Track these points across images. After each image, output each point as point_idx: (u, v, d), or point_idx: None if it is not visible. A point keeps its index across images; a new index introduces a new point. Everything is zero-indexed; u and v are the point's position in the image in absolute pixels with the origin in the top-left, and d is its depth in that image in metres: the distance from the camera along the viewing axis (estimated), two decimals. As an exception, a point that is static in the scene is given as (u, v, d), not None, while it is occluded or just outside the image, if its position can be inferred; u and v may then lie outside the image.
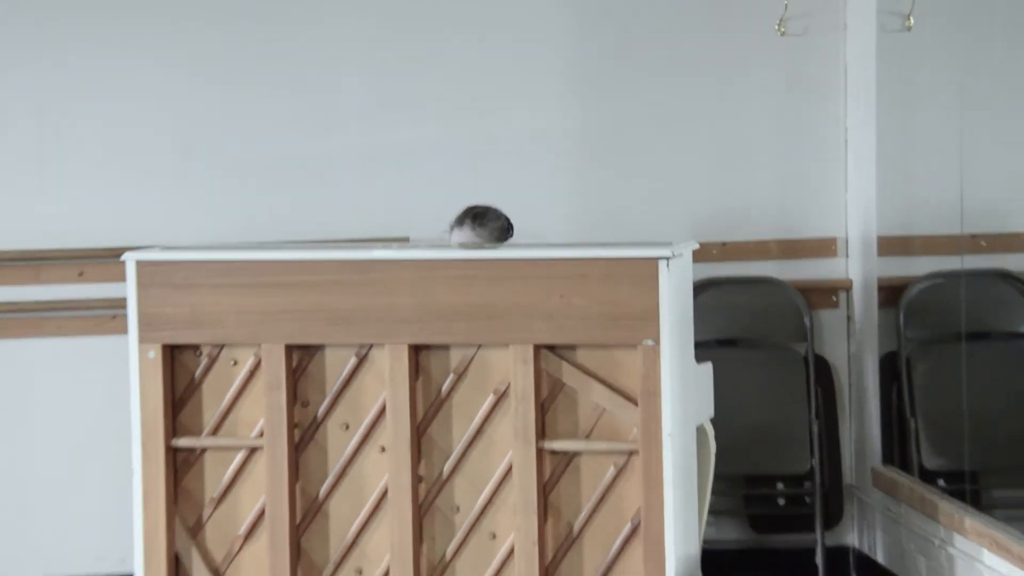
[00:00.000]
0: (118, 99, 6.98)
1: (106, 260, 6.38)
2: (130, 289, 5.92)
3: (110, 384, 6.35)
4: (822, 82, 7.01)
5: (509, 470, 5.77)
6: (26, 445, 6.91)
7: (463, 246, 6.20)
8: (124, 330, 5.98)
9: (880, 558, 6.78)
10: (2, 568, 6.87)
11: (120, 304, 5.99)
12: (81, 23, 7.05)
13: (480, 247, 6.17)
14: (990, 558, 5.66)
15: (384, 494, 5.85)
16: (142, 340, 5.94)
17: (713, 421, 5.98)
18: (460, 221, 6.31)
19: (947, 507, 6.10)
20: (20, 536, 6.88)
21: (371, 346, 5.85)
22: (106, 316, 6.52)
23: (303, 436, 5.93)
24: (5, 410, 6.91)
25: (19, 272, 6.88)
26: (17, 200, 6.90)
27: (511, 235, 6.29)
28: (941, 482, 6.48)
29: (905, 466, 6.70)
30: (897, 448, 6.81)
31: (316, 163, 6.98)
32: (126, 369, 5.97)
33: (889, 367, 6.87)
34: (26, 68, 7.03)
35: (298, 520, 5.94)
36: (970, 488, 6.45)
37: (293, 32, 7.01)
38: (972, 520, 5.87)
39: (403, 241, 6.61)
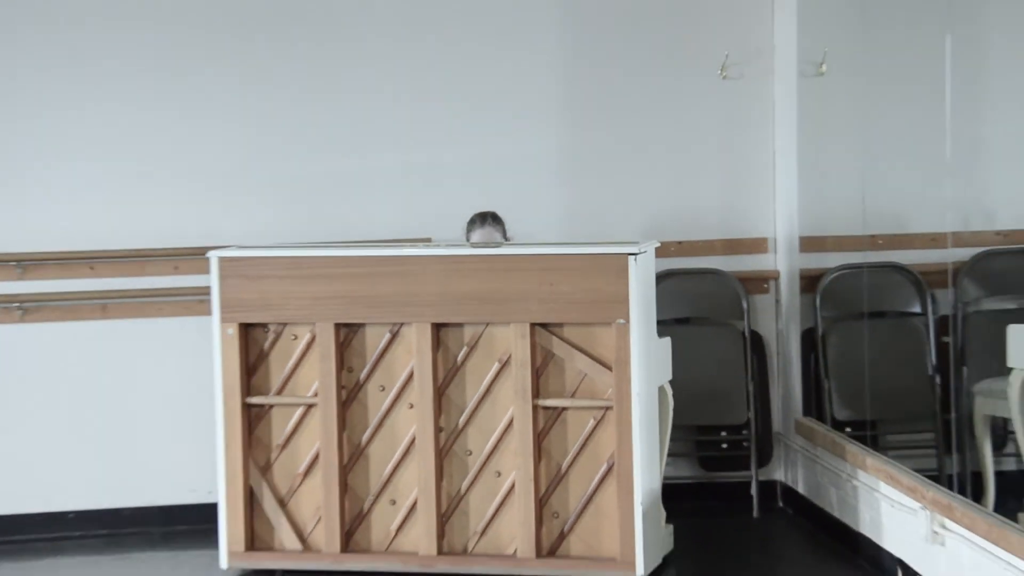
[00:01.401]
0: (203, 129, 6.76)
1: (195, 257, 6.21)
2: (213, 280, 5.98)
3: (198, 354, 6.20)
4: (755, 115, 6.88)
5: (511, 422, 5.85)
6: (135, 401, 6.75)
7: (477, 244, 6.16)
8: (209, 312, 6.02)
9: (801, 490, 6.65)
10: (119, 498, 6.71)
11: (205, 291, 6.04)
12: (174, 55, 6.79)
13: (492, 243, 6.13)
14: (885, 488, 5.61)
15: (412, 441, 5.95)
16: (223, 320, 5.96)
17: (671, 383, 6.01)
18: (475, 222, 6.30)
19: (852, 449, 6.02)
20: (131, 473, 6.74)
21: (402, 324, 5.92)
22: (195, 301, 6.35)
23: (348, 395, 5.98)
24: (119, 374, 6.75)
25: (128, 267, 6.70)
26: (127, 210, 6.71)
27: (507, 232, 6.32)
28: (848, 429, 6.35)
29: (820, 417, 6.58)
30: (814, 403, 6.68)
31: (358, 177, 6.78)
32: (210, 342, 5.99)
33: (808, 340, 6.74)
34: (149, 100, 6.77)
35: (345, 461, 5.93)
36: (870, 434, 6.30)
37: (342, 73, 6.78)
38: (871, 459, 5.81)
39: (426, 241, 6.43)
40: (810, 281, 6.68)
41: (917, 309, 6.61)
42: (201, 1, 6.70)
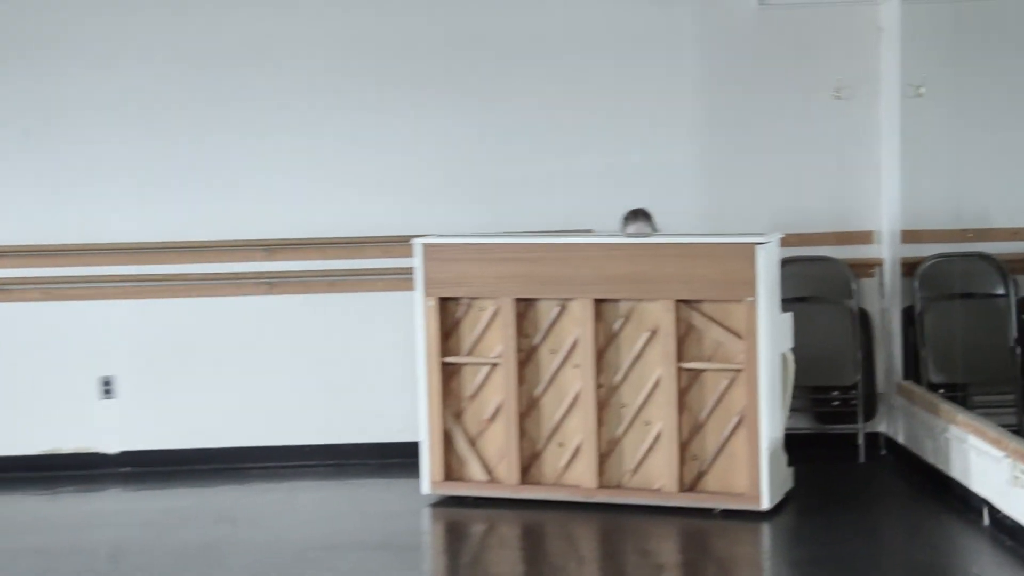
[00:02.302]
0: (409, 144, 6.75)
1: (402, 244, 6.18)
2: (417, 262, 6.04)
3: (405, 322, 6.15)
4: (863, 129, 6.70)
5: (658, 381, 5.86)
6: (356, 358, 6.79)
7: (631, 234, 6.10)
8: (413, 287, 6.05)
9: (901, 440, 6.54)
10: (344, 435, 6.75)
11: (410, 271, 6.05)
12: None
13: (644, 234, 6.05)
14: (973, 440, 5.53)
15: (576, 395, 5.95)
16: (425, 294, 6.02)
17: (792, 350, 5.94)
18: (629, 217, 6.22)
19: (945, 407, 5.92)
20: (354, 415, 6.76)
21: (568, 300, 5.92)
22: (402, 279, 6.26)
23: (525, 357, 6.03)
24: (343, 336, 6.78)
25: (350, 251, 6.74)
26: (349, 206, 6.73)
27: (656, 225, 6.24)
28: (941, 391, 6.24)
29: (918, 380, 6.46)
30: (912, 368, 6.56)
31: (533, 180, 6.72)
32: (414, 312, 6.02)
33: (907, 316, 6.62)
34: (366, 126, 6.77)
35: (522, 410, 5.99)
36: (960, 395, 6.25)
37: (517, 93, 6.72)
38: (961, 415, 5.72)
39: (588, 232, 6.34)
40: (909, 267, 6.58)
41: (1001, 291, 6.51)
42: (418, 47, 6.71)
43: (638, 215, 6.16)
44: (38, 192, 6.74)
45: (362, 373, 6.76)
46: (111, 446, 6.77)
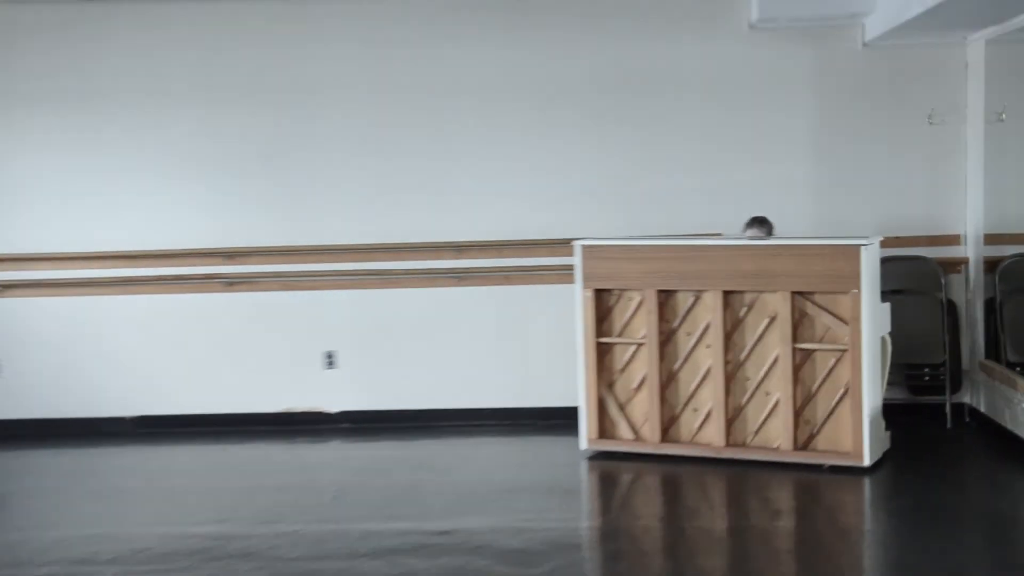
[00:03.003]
0: (568, 163, 6.72)
1: (564, 245, 6.21)
2: (577, 260, 6.08)
3: (566, 309, 6.17)
4: (952, 150, 6.58)
5: (776, 359, 5.80)
6: (527, 337, 6.77)
7: (753, 237, 6.06)
8: (573, 280, 6.10)
9: (983, 409, 6.41)
10: (517, 400, 6.77)
11: (571, 268, 6.11)
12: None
13: (761, 238, 6.03)
14: None
15: (708, 370, 5.91)
16: (583, 286, 6.09)
17: (890, 334, 5.88)
18: (751, 223, 6.18)
19: (1021, 382, 5.82)
20: (525, 383, 6.77)
21: (702, 291, 5.86)
22: (564, 273, 6.25)
23: (665, 338, 5.98)
24: (517, 319, 6.78)
25: (522, 251, 6.71)
26: (523, 214, 6.72)
27: (774, 230, 6.18)
28: (1018, 369, 6.08)
29: (997, 360, 6.30)
30: (993, 350, 6.39)
31: (670, 192, 6.65)
32: (574, 301, 6.07)
33: (989, 306, 6.46)
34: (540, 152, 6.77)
35: (663, 382, 5.99)
36: None
37: (655, 121, 6.68)
38: None
39: (718, 235, 6.29)
40: (991, 265, 6.42)
41: (1068, 285, 6.39)
42: (573, 90, 6.68)
43: (755, 222, 6.11)
44: (283, 206, 6.79)
45: (531, 350, 6.75)
46: (333, 407, 6.85)
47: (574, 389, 6.06)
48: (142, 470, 6.19)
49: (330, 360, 6.86)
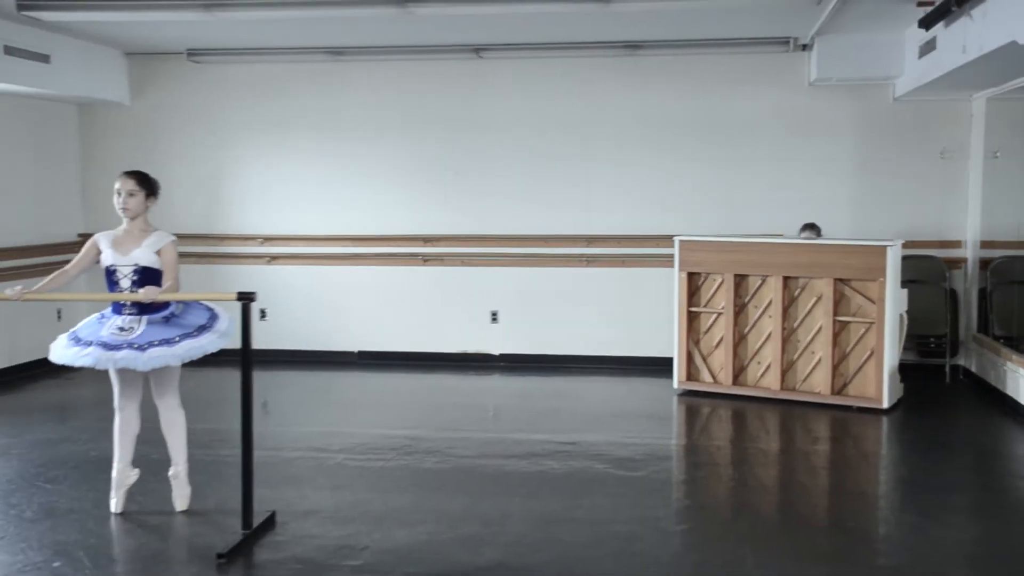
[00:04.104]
0: (673, 175, 6.77)
1: (666, 239, 6.26)
2: (676, 250, 6.03)
3: (666, 286, 6.24)
4: (958, 178, 6.57)
5: (820, 328, 5.74)
6: (638, 308, 6.73)
7: (806, 237, 6.07)
8: (672, 265, 6.07)
9: (975, 370, 6.40)
10: (629, 350, 6.80)
11: (671, 256, 6.07)
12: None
13: (812, 239, 5.99)
14: (1021, 371, 5.46)
15: (769, 334, 5.86)
16: (679, 270, 6.04)
17: (906, 312, 5.86)
18: (804, 227, 6.20)
19: (1005, 350, 5.83)
20: (634, 339, 6.76)
21: (767, 276, 5.80)
22: (665, 260, 6.33)
23: (739, 310, 5.91)
24: (632, 294, 6.78)
25: (633, 242, 6.71)
26: (638, 215, 6.72)
27: (822, 233, 6.16)
28: (1002, 340, 6.09)
29: (987, 333, 6.32)
30: (983, 326, 6.40)
31: (746, 200, 6.65)
32: (673, 281, 6.05)
33: (982, 294, 6.47)
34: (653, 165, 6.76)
35: (735, 341, 5.93)
36: (1014, 342, 6.01)
37: (739, 143, 6.67)
38: (1016, 355, 5.64)
39: (779, 235, 6.26)
40: (984, 263, 6.43)
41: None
42: (674, 123, 6.68)
43: (808, 226, 6.15)
44: (464, 206, 6.82)
45: (640, 315, 6.79)
46: (495, 350, 7.01)
47: (670, 344, 6.12)
48: (362, 389, 6.38)
49: (494, 317, 6.99)
